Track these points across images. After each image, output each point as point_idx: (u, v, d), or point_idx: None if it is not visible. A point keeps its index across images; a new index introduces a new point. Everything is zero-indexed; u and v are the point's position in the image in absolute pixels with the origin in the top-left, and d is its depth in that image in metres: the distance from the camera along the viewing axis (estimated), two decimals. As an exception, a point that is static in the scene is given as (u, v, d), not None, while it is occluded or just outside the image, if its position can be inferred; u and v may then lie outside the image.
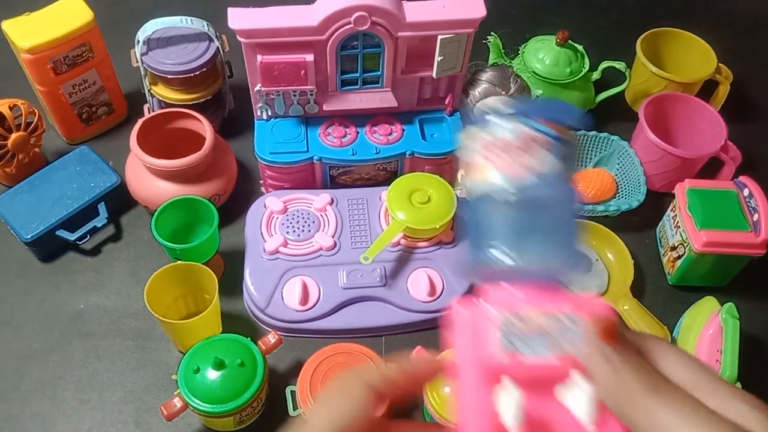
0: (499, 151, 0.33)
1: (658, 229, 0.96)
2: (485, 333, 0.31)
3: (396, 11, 0.79)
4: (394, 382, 0.34)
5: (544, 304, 0.32)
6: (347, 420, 0.33)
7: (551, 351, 0.30)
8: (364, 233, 0.87)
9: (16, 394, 0.80)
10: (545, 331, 0.31)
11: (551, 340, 0.31)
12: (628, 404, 0.27)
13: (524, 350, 0.31)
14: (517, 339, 0.31)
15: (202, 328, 0.77)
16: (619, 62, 1.01)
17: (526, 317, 0.31)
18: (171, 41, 0.93)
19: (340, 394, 0.34)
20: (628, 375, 0.28)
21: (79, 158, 0.94)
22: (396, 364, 0.35)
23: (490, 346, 0.31)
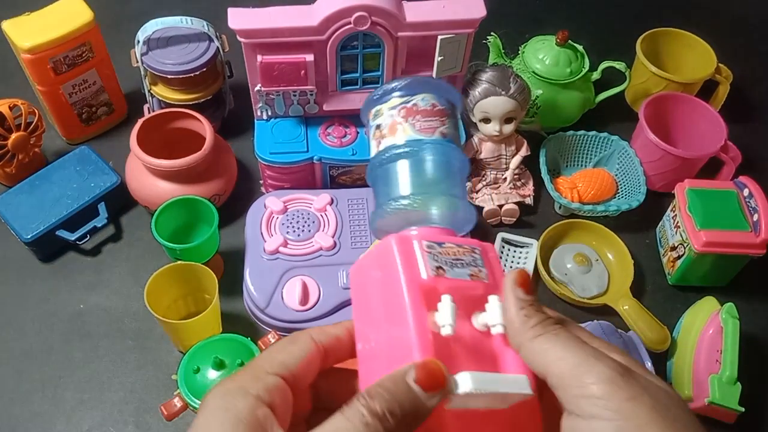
0: (417, 114, 0.41)
1: (658, 229, 0.96)
2: (414, 260, 0.35)
3: (396, 11, 0.79)
4: (337, 336, 0.37)
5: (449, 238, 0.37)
6: (292, 362, 0.34)
7: (468, 275, 0.35)
8: (364, 233, 0.87)
9: (16, 394, 0.80)
10: (459, 258, 0.36)
11: (465, 266, 0.36)
12: (526, 337, 0.33)
13: (447, 271, 0.35)
14: (441, 261, 0.35)
15: (202, 328, 0.77)
16: (619, 62, 1.01)
17: (444, 245, 0.36)
18: (171, 41, 0.93)
19: (287, 342, 0.35)
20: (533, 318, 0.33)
21: (79, 158, 0.94)
22: (337, 323, 0.38)
23: (421, 269, 0.35)
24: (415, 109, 0.41)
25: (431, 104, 0.41)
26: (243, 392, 0.31)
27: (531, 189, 0.98)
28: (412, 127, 0.41)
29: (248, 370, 0.33)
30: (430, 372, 0.31)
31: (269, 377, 0.32)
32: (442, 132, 0.41)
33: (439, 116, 0.41)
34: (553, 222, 0.93)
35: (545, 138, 1.01)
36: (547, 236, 0.91)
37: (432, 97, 0.41)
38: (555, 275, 0.90)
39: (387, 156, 0.41)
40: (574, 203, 0.94)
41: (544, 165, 0.96)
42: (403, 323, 0.33)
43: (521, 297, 0.34)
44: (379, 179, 0.42)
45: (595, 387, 0.30)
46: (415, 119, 0.41)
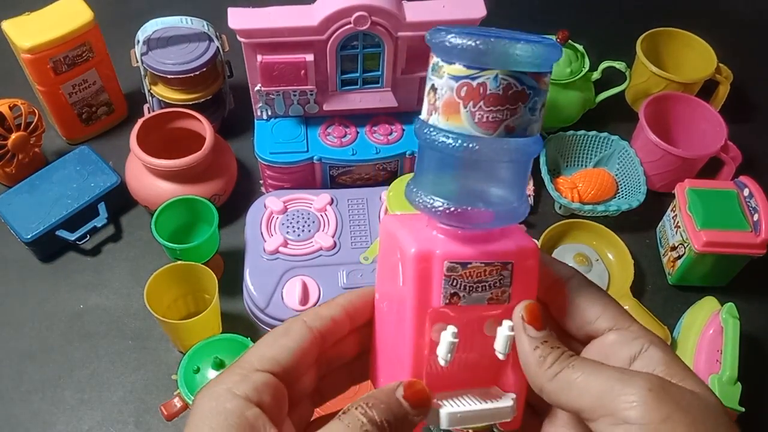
0: (481, 101, 0.31)
1: (658, 229, 0.96)
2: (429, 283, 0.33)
3: (396, 11, 0.79)
4: (333, 318, 0.35)
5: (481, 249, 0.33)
6: (283, 356, 0.33)
7: (486, 299, 0.33)
8: (364, 233, 0.87)
9: (16, 394, 0.80)
10: (482, 280, 0.33)
11: (486, 289, 0.33)
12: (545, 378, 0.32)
13: (463, 297, 0.33)
14: (459, 286, 0.33)
15: (202, 328, 0.77)
16: (619, 62, 1.01)
17: (469, 265, 0.33)
18: (171, 41, 0.93)
19: (279, 333, 0.34)
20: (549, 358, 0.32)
21: (79, 158, 0.94)
22: (330, 303, 0.36)
23: (434, 297, 0.33)
24: (482, 92, 0.31)
25: (504, 86, 0.31)
26: (231, 394, 0.30)
27: (531, 189, 0.98)
28: (469, 116, 0.31)
29: (235, 368, 0.32)
30: (416, 393, 0.32)
31: (257, 375, 0.32)
32: (509, 126, 0.32)
33: (510, 103, 0.31)
34: (553, 222, 0.93)
35: (545, 138, 1.01)
36: (547, 236, 0.91)
37: (507, 75, 0.31)
38: (555, 275, 0.90)
39: (432, 140, 0.33)
40: (574, 203, 0.94)
41: (544, 165, 0.96)
42: (404, 333, 0.33)
43: (533, 335, 0.33)
44: (422, 153, 0.35)
45: (628, 413, 0.29)
46: (477, 107, 0.31)
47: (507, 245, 0.34)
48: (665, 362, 0.31)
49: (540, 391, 0.33)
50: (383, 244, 0.37)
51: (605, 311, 0.33)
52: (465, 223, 0.33)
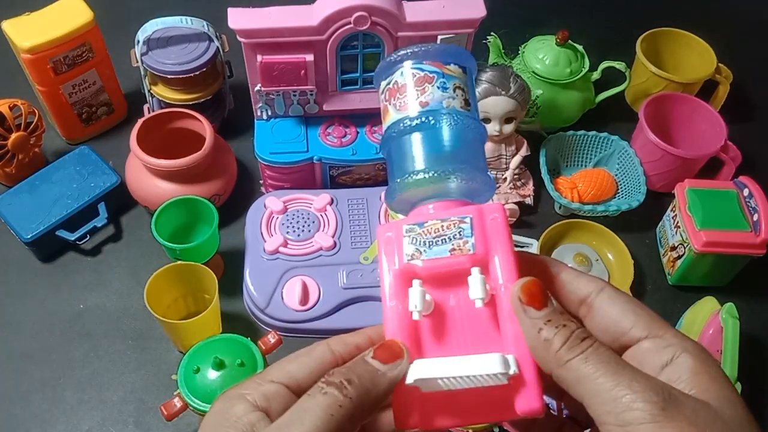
0: (398, 93, 0.39)
1: (658, 229, 0.96)
2: (398, 244, 0.36)
3: (396, 11, 0.79)
4: (357, 346, 0.36)
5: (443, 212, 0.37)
6: (300, 372, 0.34)
7: (449, 251, 0.35)
8: (364, 233, 0.87)
9: (16, 394, 0.80)
10: (441, 234, 0.35)
11: (446, 241, 0.35)
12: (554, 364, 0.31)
13: (424, 252, 0.35)
14: (419, 243, 0.36)
15: (202, 328, 0.77)
16: (619, 62, 1.01)
17: (425, 224, 0.36)
18: (171, 41, 0.93)
19: (303, 352, 0.35)
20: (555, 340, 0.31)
21: (79, 158, 0.94)
22: (358, 332, 0.37)
23: (396, 257, 0.36)
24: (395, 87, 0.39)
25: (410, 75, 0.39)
26: (241, 398, 0.32)
27: (531, 189, 0.98)
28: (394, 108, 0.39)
29: (255, 377, 0.34)
30: (386, 347, 0.33)
31: (270, 385, 0.33)
32: (422, 102, 0.38)
33: (418, 85, 0.39)
34: (553, 222, 0.93)
35: (545, 138, 1.01)
36: (547, 236, 0.91)
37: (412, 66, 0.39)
38: (555, 275, 0.90)
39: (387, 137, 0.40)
40: (574, 203, 0.94)
41: (544, 165, 0.96)
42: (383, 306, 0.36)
43: (534, 316, 0.32)
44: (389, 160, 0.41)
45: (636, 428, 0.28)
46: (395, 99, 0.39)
47: (468, 209, 0.36)
48: (693, 371, 0.30)
49: (549, 372, 0.32)
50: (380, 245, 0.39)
51: (638, 320, 0.32)
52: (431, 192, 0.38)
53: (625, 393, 0.29)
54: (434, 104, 0.38)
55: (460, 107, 0.38)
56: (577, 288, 0.34)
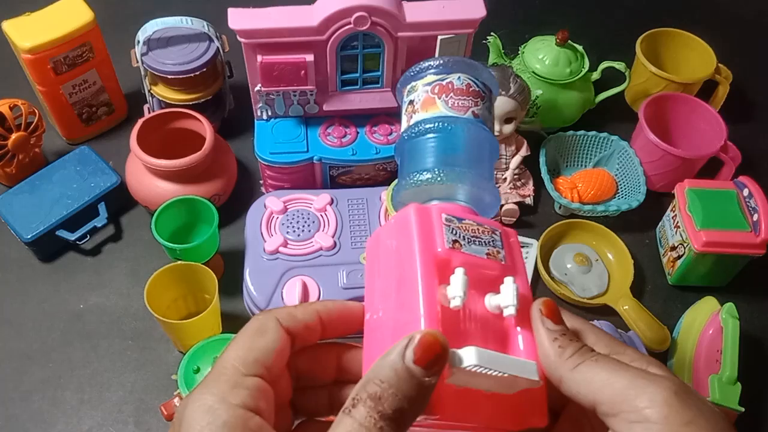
0: (451, 92, 0.41)
1: (658, 229, 0.96)
2: (438, 228, 0.35)
3: (396, 11, 0.79)
4: (307, 324, 0.34)
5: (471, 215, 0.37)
6: (266, 358, 0.32)
7: (485, 253, 0.35)
8: (364, 233, 0.87)
9: (16, 394, 0.80)
10: (477, 235, 0.35)
11: (483, 244, 0.35)
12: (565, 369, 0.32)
13: (464, 245, 0.34)
14: (459, 235, 0.35)
15: (202, 328, 0.77)
16: (619, 62, 1.01)
17: (464, 221, 0.36)
18: (171, 41, 0.93)
19: (253, 332, 0.33)
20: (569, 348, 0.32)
21: (79, 158, 0.94)
22: (306, 307, 0.35)
23: (437, 241, 0.34)
24: (450, 87, 0.41)
25: (466, 84, 0.41)
26: (226, 404, 0.29)
27: (531, 189, 0.98)
28: (444, 103, 0.41)
29: (222, 375, 0.30)
30: (427, 346, 0.29)
31: (248, 380, 0.30)
32: (474, 112, 0.41)
33: (473, 96, 0.41)
34: (553, 222, 0.93)
35: (545, 138, 1.01)
36: (547, 236, 0.91)
37: (467, 77, 0.42)
38: (555, 275, 0.90)
39: (417, 130, 0.41)
40: (574, 203, 0.94)
41: (544, 165, 0.96)
42: (413, 292, 0.33)
43: (551, 328, 0.33)
44: (406, 153, 0.42)
45: (650, 411, 0.28)
46: (448, 96, 0.41)
47: (491, 221, 0.37)
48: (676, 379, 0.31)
49: (559, 381, 0.32)
50: (371, 254, 0.38)
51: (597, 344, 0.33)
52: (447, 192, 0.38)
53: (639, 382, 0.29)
54: (482, 119, 0.41)
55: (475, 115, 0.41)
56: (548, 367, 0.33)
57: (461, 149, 0.40)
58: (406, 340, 0.29)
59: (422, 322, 0.31)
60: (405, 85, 0.44)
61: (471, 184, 0.39)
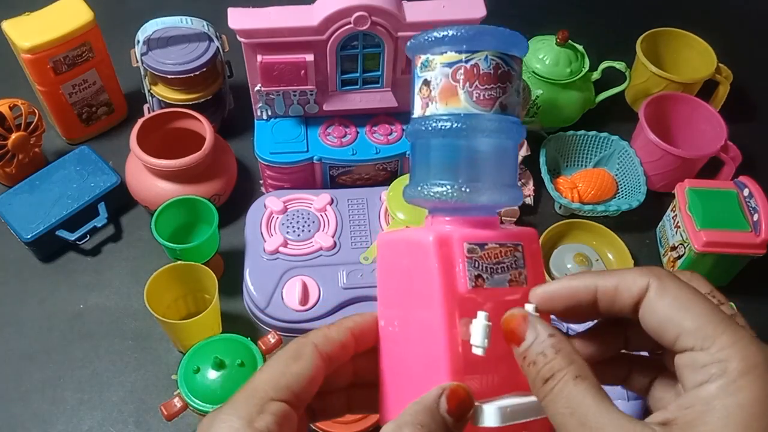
0: (477, 81, 0.34)
1: (658, 229, 0.96)
2: (462, 263, 0.32)
3: (396, 11, 0.79)
4: (342, 343, 0.34)
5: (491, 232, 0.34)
6: (297, 385, 0.32)
7: (507, 281, 0.33)
8: (364, 233, 0.87)
9: (16, 394, 0.80)
10: (500, 261, 0.33)
11: (505, 270, 0.33)
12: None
13: (487, 279, 0.32)
14: (482, 268, 0.32)
15: (202, 328, 0.77)
16: (619, 62, 1.01)
17: (486, 246, 0.33)
18: (171, 41, 0.93)
19: (288, 357, 0.33)
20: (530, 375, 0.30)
21: (79, 158, 0.94)
22: (339, 326, 0.35)
23: (459, 281, 0.32)
24: (475, 72, 0.33)
25: (494, 66, 0.34)
26: (252, 430, 0.29)
27: (531, 189, 0.98)
28: (468, 96, 0.33)
29: (249, 396, 0.31)
30: (460, 401, 0.30)
31: (274, 405, 0.30)
32: (503, 103, 0.34)
33: (501, 82, 0.34)
34: (553, 222, 0.93)
35: (545, 138, 1.01)
36: (547, 236, 0.91)
37: (496, 55, 0.34)
38: (555, 275, 0.90)
39: (433, 127, 0.34)
40: (574, 203, 0.94)
41: (544, 165, 0.96)
42: (436, 336, 0.32)
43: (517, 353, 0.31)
44: (419, 150, 0.36)
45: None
46: (473, 87, 0.33)
47: (510, 230, 0.34)
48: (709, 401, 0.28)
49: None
50: (384, 260, 0.36)
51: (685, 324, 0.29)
52: (471, 206, 0.34)
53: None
54: (510, 109, 0.34)
55: (519, 114, 0.35)
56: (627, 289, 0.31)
57: (484, 159, 0.34)
58: (440, 390, 0.30)
59: (446, 375, 0.31)
60: (418, 51, 0.35)
61: (493, 198, 0.34)
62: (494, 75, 0.34)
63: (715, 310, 0.29)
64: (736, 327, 0.28)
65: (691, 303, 0.29)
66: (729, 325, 0.28)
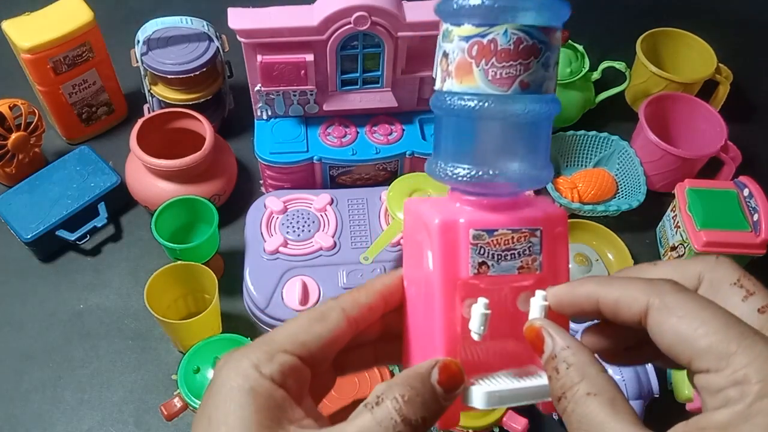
0: (494, 58, 0.31)
1: (658, 229, 0.96)
2: (464, 250, 0.32)
3: (396, 11, 0.79)
4: (369, 306, 0.34)
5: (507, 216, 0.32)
6: (314, 344, 0.32)
7: (517, 268, 0.32)
8: (364, 233, 0.87)
9: (16, 394, 0.80)
10: (511, 247, 0.32)
11: (515, 257, 0.32)
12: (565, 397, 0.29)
13: (492, 266, 0.32)
14: (487, 255, 0.32)
15: (202, 328, 0.77)
16: (619, 62, 1.01)
17: (496, 233, 0.32)
18: (171, 41, 0.93)
19: (313, 317, 0.33)
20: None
21: (79, 158, 0.94)
22: (369, 289, 0.35)
23: (461, 267, 0.32)
24: (492, 49, 0.31)
25: (515, 41, 0.31)
26: (258, 373, 0.30)
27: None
28: (483, 75, 0.31)
29: (263, 344, 0.31)
30: (451, 377, 0.31)
31: (284, 357, 0.31)
32: (523, 81, 0.31)
33: (523, 58, 0.31)
34: (553, 222, 0.93)
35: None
36: (547, 236, 0.91)
37: (518, 29, 0.31)
38: (555, 275, 0.90)
39: (449, 105, 0.32)
40: (574, 203, 0.94)
41: (544, 165, 0.96)
42: (435, 312, 0.32)
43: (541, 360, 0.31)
44: (438, 124, 0.35)
45: None
46: (489, 65, 0.31)
47: (534, 212, 0.33)
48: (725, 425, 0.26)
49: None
50: (407, 226, 0.36)
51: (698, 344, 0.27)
52: (489, 189, 0.33)
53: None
54: (534, 87, 0.32)
55: (553, 89, 0.33)
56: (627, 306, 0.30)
57: (501, 141, 0.33)
58: (434, 362, 0.31)
59: (440, 352, 0.32)
60: (441, 17, 0.33)
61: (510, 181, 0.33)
62: (515, 51, 0.31)
63: (729, 323, 0.27)
64: (755, 340, 0.26)
65: (699, 320, 0.27)
66: (745, 339, 0.26)
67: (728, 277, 0.29)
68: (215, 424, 0.28)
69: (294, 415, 0.30)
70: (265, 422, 0.28)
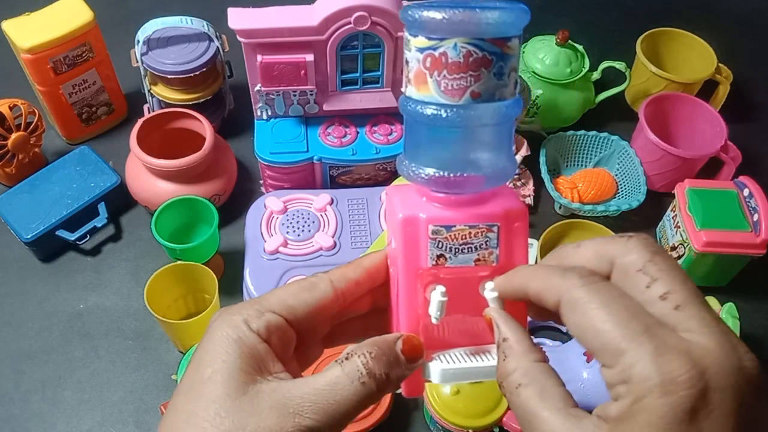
0: (445, 70, 0.33)
1: (658, 229, 0.96)
2: (423, 244, 0.35)
3: (396, 11, 0.79)
4: (356, 281, 0.37)
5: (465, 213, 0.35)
6: (301, 309, 0.35)
7: (473, 260, 0.35)
8: (364, 233, 0.87)
9: (16, 394, 0.80)
10: (467, 242, 0.35)
11: (472, 250, 0.35)
12: None
13: (449, 258, 0.35)
14: (445, 248, 0.35)
15: (202, 328, 0.77)
16: (619, 62, 1.01)
17: (453, 228, 0.35)
18: (171, 41, 0.93)
19: (302, 286, 0.36)
20: None
21: (79, 158, 0.94)
22: (357, 265, 0.37)
23: (421, 258, 0.35)
24: (443, 61, 0.32)
25: (464, 54, 0.32)
26: (247, 326, 0.33)
27: (531, 189, 0.98)
28: (436, 85, 0.33)
29: (255, 303, 0.34)
30: (412, 348, 0.34)
31: (271, 316, 0.34)
32: (474, 92, 0.33)
33: (472, 70, 0.32)
34: (553, 222, 0.93)
35: (545, 138, 1.01)
36: (547, 236, 0.91)
37: (466, 42, 0.32)
38: (555, 275, 0.90)
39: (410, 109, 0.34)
40: (574, 203, 0.94)
41: (544, 165, 0.96)
42: (400, 293, 0.35)
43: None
44: (409, 125, 0.36)
45: None
46: (440, 76, 0.33)
47: (494, 208, 0.35)
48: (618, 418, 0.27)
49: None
50: (388, 212, 0.38)
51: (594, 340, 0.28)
52: (454, 188, 0.35)
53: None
54: (486, 95, 0.33)
55: (509, 95, 0.34)
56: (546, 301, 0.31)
57: (456, 146, 0.35)
58: (399, 335, 0.34)
59: (406, 330, 0.35)
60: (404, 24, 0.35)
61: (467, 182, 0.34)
62: (465, 63, 0.32)
63: (629, 317, 0.27)
64: (648, 337, 0.26)
65: (600, 317, 0.28)
66: (639, 337, 0.26)
67: (635, 263, 0.29)
68: (203, 366, 0.32)
69: (274, 368, 0.32)
70: (246, 368, 0.31)
